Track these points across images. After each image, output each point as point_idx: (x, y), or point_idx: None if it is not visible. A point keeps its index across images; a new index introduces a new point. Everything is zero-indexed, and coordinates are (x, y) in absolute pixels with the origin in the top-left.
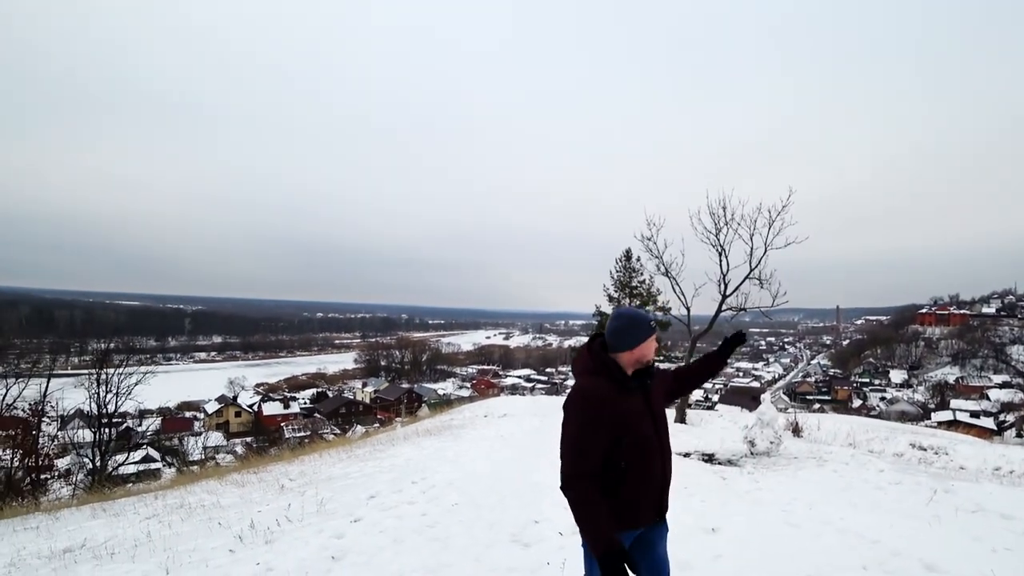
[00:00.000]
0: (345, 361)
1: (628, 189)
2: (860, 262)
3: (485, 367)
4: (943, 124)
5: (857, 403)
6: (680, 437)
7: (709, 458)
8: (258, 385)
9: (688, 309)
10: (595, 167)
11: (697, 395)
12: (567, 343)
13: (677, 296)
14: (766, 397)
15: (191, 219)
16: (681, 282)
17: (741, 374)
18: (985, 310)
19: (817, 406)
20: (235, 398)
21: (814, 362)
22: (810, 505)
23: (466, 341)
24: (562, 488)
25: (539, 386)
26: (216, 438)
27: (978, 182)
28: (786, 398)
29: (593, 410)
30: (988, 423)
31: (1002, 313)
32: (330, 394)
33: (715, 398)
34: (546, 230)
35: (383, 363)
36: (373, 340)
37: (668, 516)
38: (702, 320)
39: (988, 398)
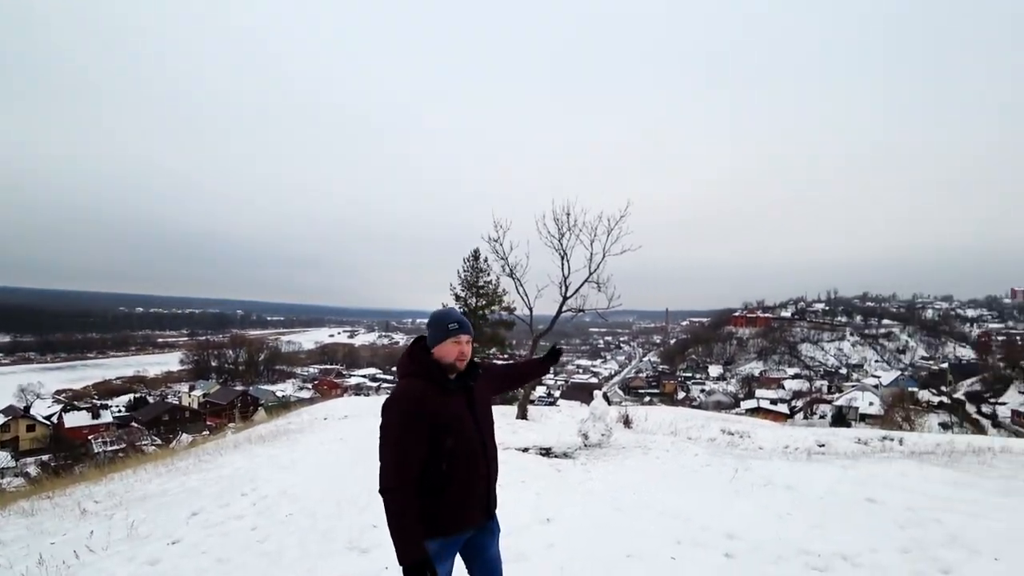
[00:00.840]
0: (169, 362)
1: (476, 189)
2: (687, 269)
3: (328, 367)
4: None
5: (681, 395)
6: (520, 433)
7: (546, 452)
8: (59, 392)
9: (531, 309)
10: (446, 168)
11: (540, 391)
12: None
13: (521, 297)
14: (598, 393)
15: None
16: (525, 283)
17: (581, 371)
18: (783, 314)
19: (648, 399)
20: (27, 408)
21: (646, 359)
22: (635, 491)
23: (308, 339)
24: (380, 492)
25: (385, 385)
26: (0, 458)
27: (783, 205)
28: (621, 392)
29: (409, 413)
30: (783, 408)
31: (795, 317)
32: (151, 400)
33: (557, 394)
34: (397, 229)
35: (214, 364)
36: (203, 338)
37: (506, 509)
38: (544, 320)
39: (784, 387)
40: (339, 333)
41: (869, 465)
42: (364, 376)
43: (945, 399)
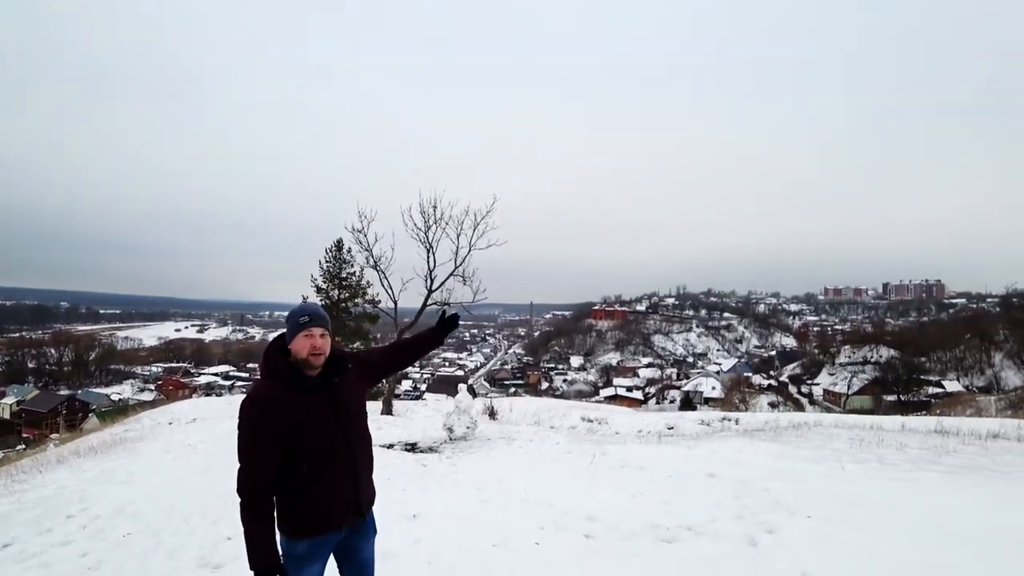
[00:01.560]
0: None
1: (343, 176)
2: (550, 264)
3: (174, 365)
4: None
5: (545, 385)
6: (385, 429)
7: (412, 447)
8: None
9: (396, 302)
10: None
11: (406, 385)
12: (272, 335)
13: (385, 290)
14: (463, 386)
15: None
16: (390, 276)
17: (447, 364)
18: (639, 308)
19: (513, 390)
20: None
21: (511, 351)
22: (499, 481)
23: (150, 335)
24: (237, 493)
25: (239, 384)
26: None
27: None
28: (487, 384)
29: (260, 416)
30: (638, 395)
31: (649, 310)
32: None
33: (423, 387)
34: (254, 213)
35: (32, 365)
36: (16, 335)
37: (373, 509)
38: (409, 313)
39: (639, 376)
40: (187, 327)
41: (710, 444)
42: (216, 374)
43: (773, 382)
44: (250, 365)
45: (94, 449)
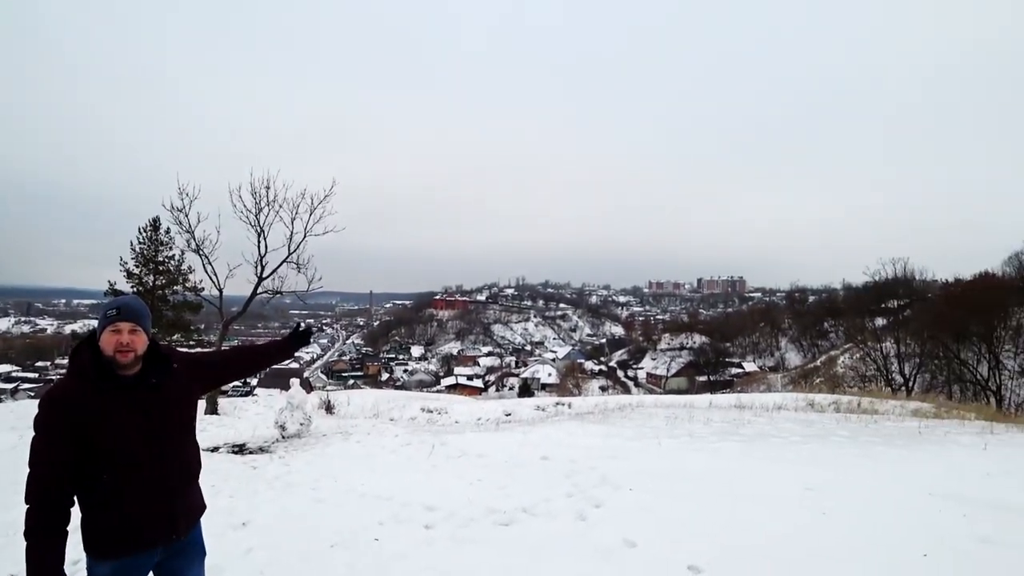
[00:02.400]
0: None
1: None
2: (391, 253)
3: None
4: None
5: (385, 376)
6: (210, 430)
7: (240, 449)
8: None
9: (221, 291)
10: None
11: (234, 382)
12: (69, 328)
13: (210, 276)
14: (295, 381)
15: None
16: (215, 261)
17: None
18: (479, 298)
19: (352, 382)
20: None
21: (349, 342)
22: (335, 478)
23: None
24: (26, 501)
25: (26, 386)
26: None
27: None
28: (324, 376)
29: (56, 417)
30: (479, 383)
31: (490, 300)
32: None
33: (254, 382)
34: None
35: None
36: None
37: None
38: (238, 302)
39: (479, 364)
40: None
41: (544, 428)
42: None
43: (604, 367)
44: (40, 363)
45: None
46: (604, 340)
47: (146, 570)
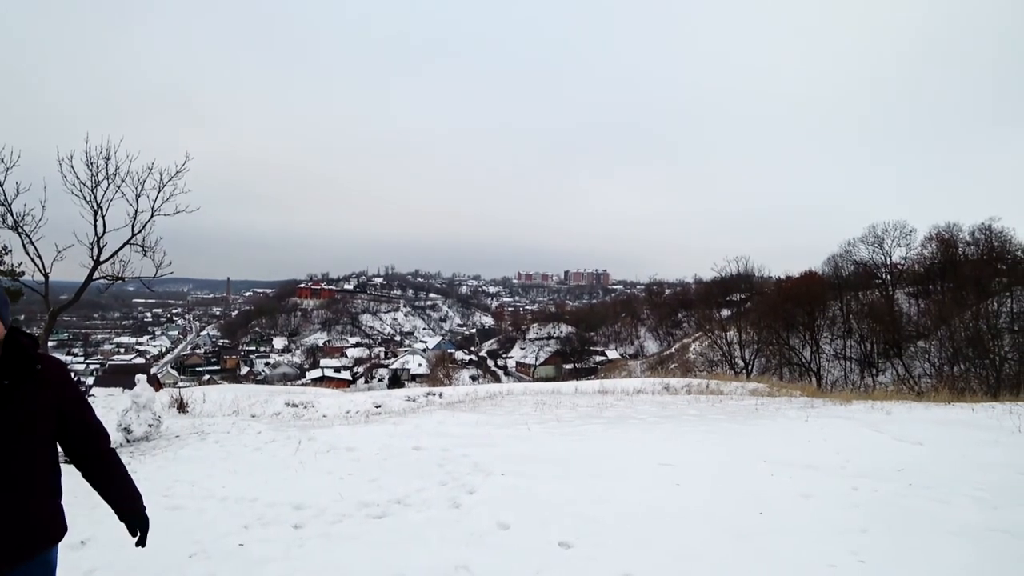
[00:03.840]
0: None
1: None
2: (250, 237)
3: None
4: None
5: (245, 370)
6: None
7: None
8: None
9: (46, 275)
10: None
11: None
12: None
13: (32, 258)
14: (141, 377)
15: None
16: (38, 241)
17: (123, 350)
18: (346, 287)
19: (207, 377)
20: None
21: (204, 333)
22: (192, 483)
23: None
24: None
25: None
26: None
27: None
28: (175, 372)
29: None
30: (347, 375)
31: (358, 289)
32: None
33: (90, 381)
34: None
35: None
36: None
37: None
38: (68, 288)
39: (347, 356)
40: None
41: (415, 418)
42: None
43: (474, 357)
44: None
45: None
46: (475, 330)
47: None
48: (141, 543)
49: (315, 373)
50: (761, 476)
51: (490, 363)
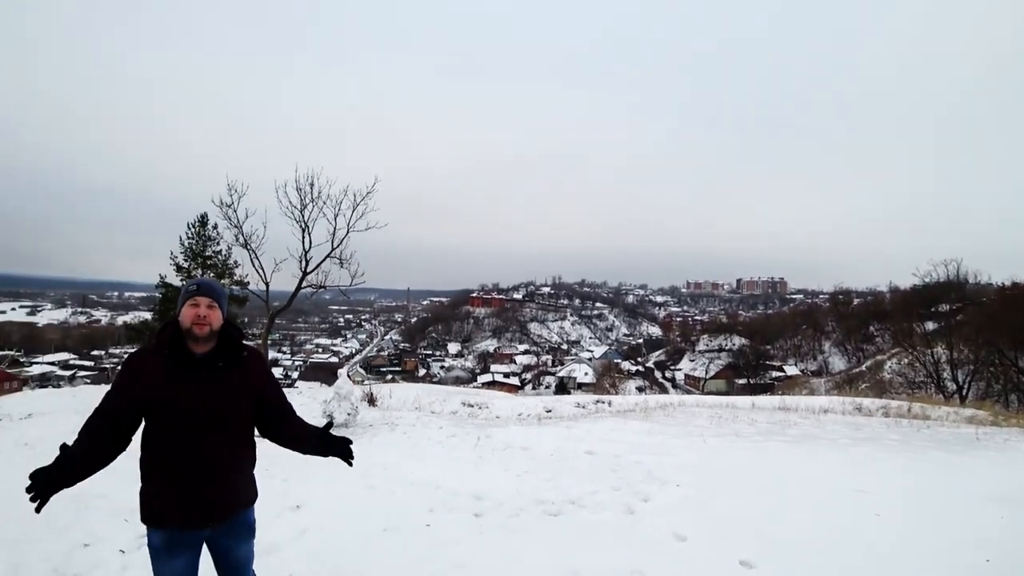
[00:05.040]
0: None
1: (210, 151)
2: (428, 249)
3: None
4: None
5: (423, 372)
6: None
7: None
8: None
9: (267, 284)
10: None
11: (276, 373)
12: (121, 319)
13: (257, 270)
14: (343, 372)
15: None
16: (261, 255)
17: (320, 350)
18: (516, 296)
19: (390, 377)
20: None
21: (387, 337)
22: (385, 467)
23: None
24: None
25: (82, 374)
26: None
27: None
28: (363, 371)
29: (122, 377)
30: (515, 381)
31: (526, 299)
32: None
33: (295, 375)
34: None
35: None
36: None
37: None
38: (282, 296)
39: (515, 362)
40: (13, 309)
41: (586, 424)
42: (53, 363)
43: (641, 368)
44: (95, 352)
45: None
46: (641, 340)
47: (193, 544)
48: (351, 459)
49: (486, 377)
50: (986, 516)
51: (657, 374)
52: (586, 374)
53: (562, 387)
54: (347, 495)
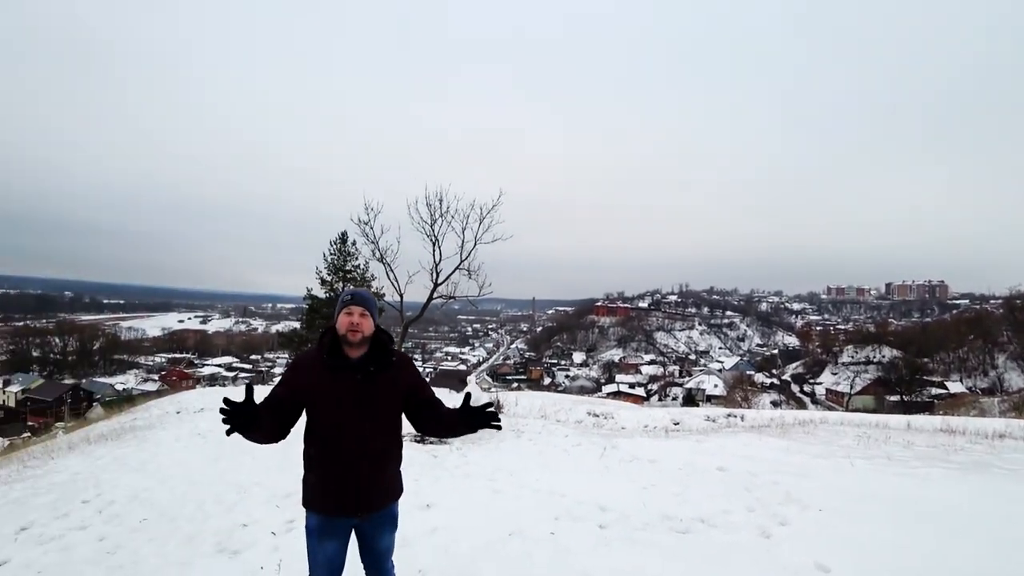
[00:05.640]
0: None
1: (348, 174)
2: (553, 260)
3: (177, 356)
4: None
5: (547, 381)
6: None
7: (421, 438)
8: None
9: (401, 296)
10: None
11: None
12: (275, 328)
13: (392, 283)
14: (472, 379)
15: None
16: (395, 268)
17: (450, 358)
18: (641, 305)
19: (515, 385)
20: None
21: (513, 346)
22: (511, 472)
23: (153, 325)
24: None
25: (243, 375)
26: None
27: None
28: (489, 379)
29: (288, 374)
30: (641, 392)
31: (652, 307)
32: None
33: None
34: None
35: (37, 354)
36: (21, 324)
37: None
38: (414, 307)
39: (641, 372)
40: (190, 318)
41: (718, 439)
42: (219, 365)
43: (776, 380)
44: (253, 357)
45: (104, 437)
46: (776, 351)
47: (343, 530)
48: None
49: (610, 387)
50: None
51: (794, 388)
52: (716, 386)
53: (690, 399)
54: (474, 498)
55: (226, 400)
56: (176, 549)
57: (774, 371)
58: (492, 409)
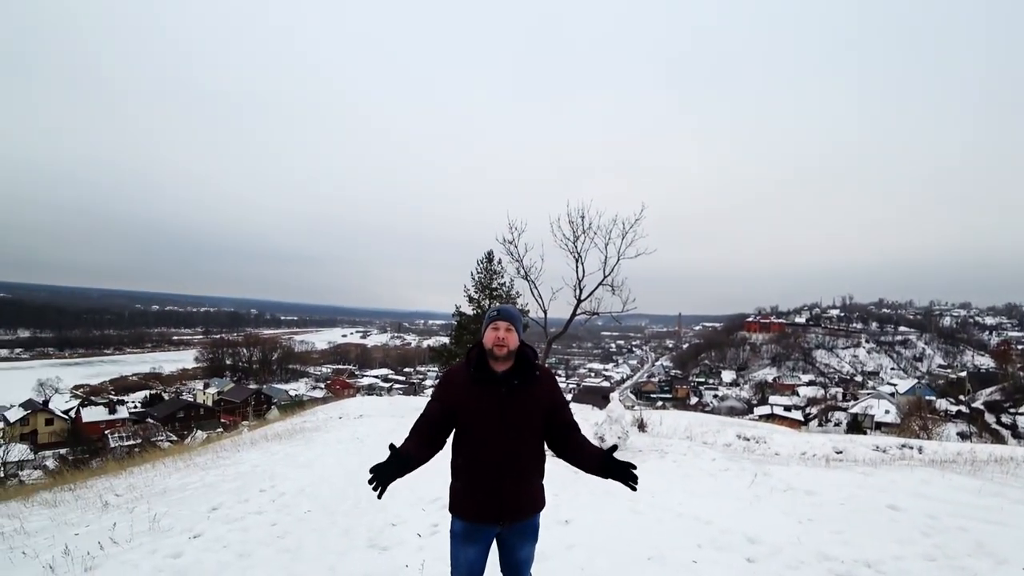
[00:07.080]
0: (184, 360)
1: (494, 190)
2: (700, 274)
3: (341, 367)
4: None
5: (694, 400)
6: None
7: None
8: (77, 387)
9: (545, 312)
10: (469, 168)
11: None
12: (426, 343)
13: (536, 299)
14: (615, 396)
15: None
16: (539, 285)
17: (593, 374)
18: (797, 320)
19: (660, 403)
20: (46, 403)
21: (658, 364)
22: (653, 493)
23: (321, 339)
24: None
25: (397, 386)
26: (20, 451)
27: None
28: (633, 396)
29: (439, 389)
30: (798, 415)
31: (810, 323)
32: (166, 396)
33: (568, 397)
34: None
35: (228, 362)
36: (218, 336)
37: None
38: (558, 323)
39: (798, 394)
40: (351, 333)
41: (889, 472)
42: (376, 376)
43: (963, 408)
44: (406, 369)
45: (279, 435)
46: (963, 373)
47: (486, 537)
48: (635, 484)
49: (763, 409)
50: None
51: (989, 418)
52: (887, 412)
53: (855, 425)
54: (613, 517)
55: (374, 470)
56: (334, 540)
57: (962, 397)
58: (634, 471)
